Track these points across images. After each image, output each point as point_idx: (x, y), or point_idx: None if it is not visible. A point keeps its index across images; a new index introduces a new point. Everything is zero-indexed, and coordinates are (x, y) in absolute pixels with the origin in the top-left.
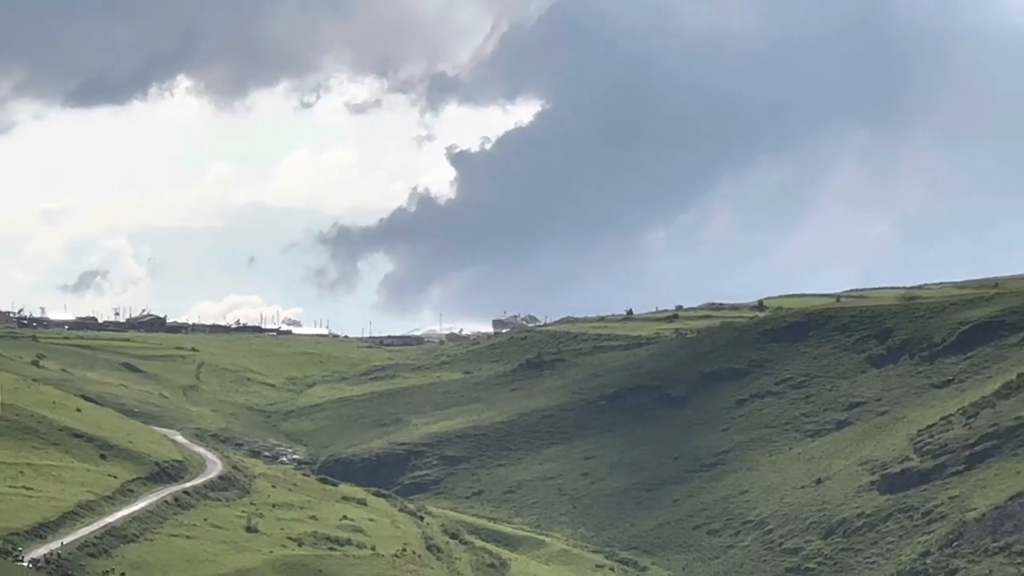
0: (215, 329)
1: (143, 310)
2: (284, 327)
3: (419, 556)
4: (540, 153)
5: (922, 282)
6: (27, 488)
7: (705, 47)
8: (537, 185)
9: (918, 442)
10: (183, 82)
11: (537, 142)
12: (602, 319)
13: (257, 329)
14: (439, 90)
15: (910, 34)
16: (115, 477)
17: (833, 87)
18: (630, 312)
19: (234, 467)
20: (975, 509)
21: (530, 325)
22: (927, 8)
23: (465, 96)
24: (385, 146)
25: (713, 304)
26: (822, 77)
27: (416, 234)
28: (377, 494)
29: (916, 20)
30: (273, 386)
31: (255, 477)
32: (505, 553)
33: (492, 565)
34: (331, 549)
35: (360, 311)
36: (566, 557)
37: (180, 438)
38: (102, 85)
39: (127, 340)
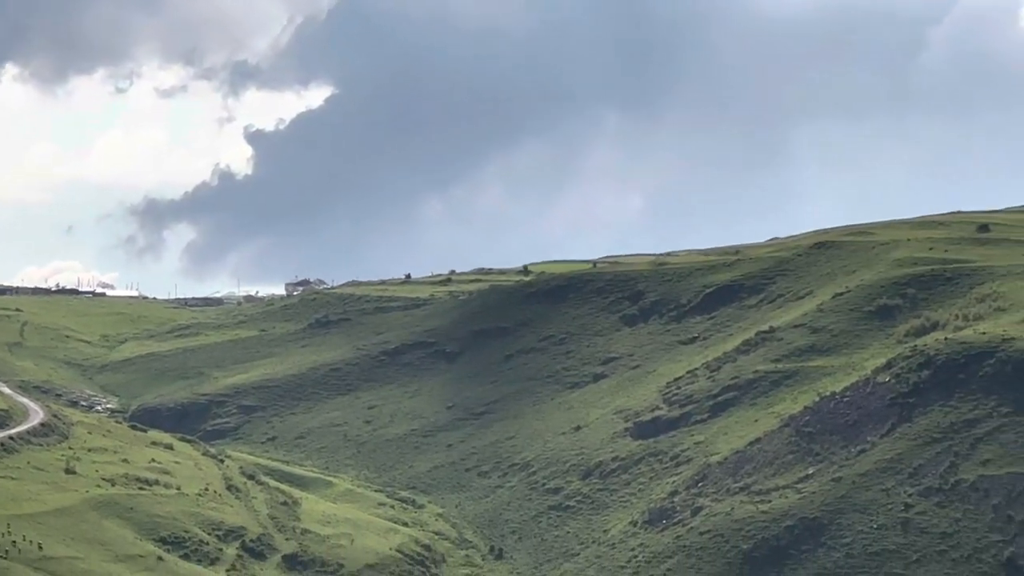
0: (37, 291)
1: None
2: (99, 290)
3: (219, 495)
4: (329, 133)
5: (671, 249)
6: None
7: (479, 38)
8: (326, 162)
9: (667, 393)
10: (10, 70)
11: (327, 123)
12: (383, 282)
13: (75, 292)
14: (239, 76)
15: (662, 27)
16: None
17: (592, 74)
18: (408, 276)
19: (54, 415)
20: (718, 453)
21: (319, 288)
22: (676, 3)
23: (263, 82)
24: (190, 127)
25: (483, 269)
26: (583, 65)
27: (217, 206)
28: (182, 439)
29: (666, 14)
30: (89, 343)
31: (73, 424)
32: (296, 493)
33: (285, 503)
34: (141, 489)
35: (167, 275)
36: (351, 496)
37: (6, 389)
38: None
39: None
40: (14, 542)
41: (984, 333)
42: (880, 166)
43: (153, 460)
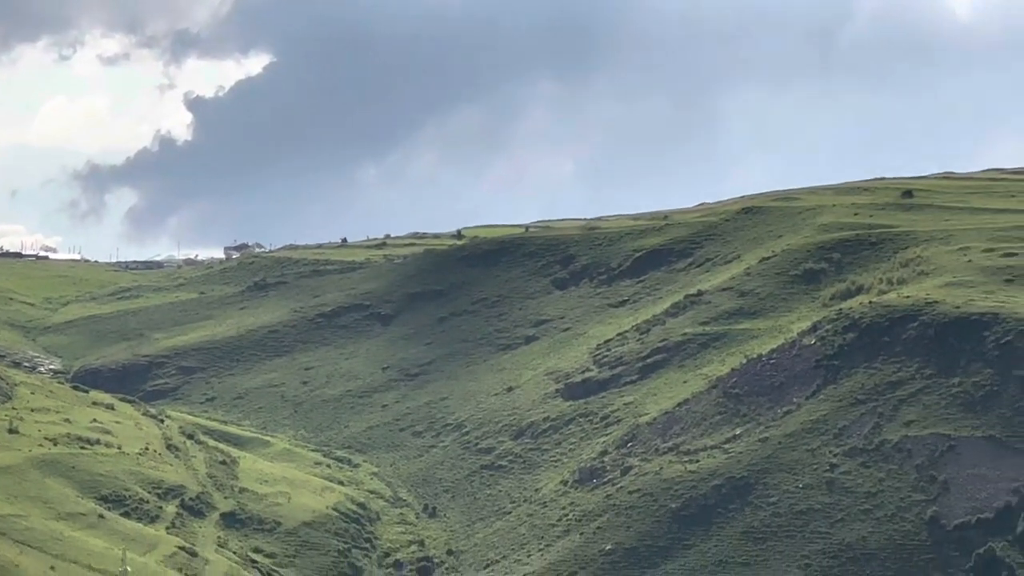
0: None
1: None
2: (42, 253)
3: (159, 454)
4: (268, 100)
5: (601, 214)
6: None
7: (414, 6)
8: (264, 128)
9: (597, 355)
10: None
11: (266, 90)
12: (320, 246)
13: (18, 255)
14: (181, 45)
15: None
16: None
17: (525, 42)
18: (344, 240)
19: None
20: (647, 414)
21: (257, 251)
22: None
23: (204, 50)
24: (132, 94)
25: (417, 233)
26: (516, 33)
27: (158, 172)
28: (123, 400)
29: None
30: (32, 305)
31: (16, 385)
32: (235, 452)
33: (223, 462)
34: (83, 448)
35: (109, 239)
36: (288, 455)
37: None
38: None
39: None
40: None
41: (908, 297)
42: (806, 133)
43: (95, 420)
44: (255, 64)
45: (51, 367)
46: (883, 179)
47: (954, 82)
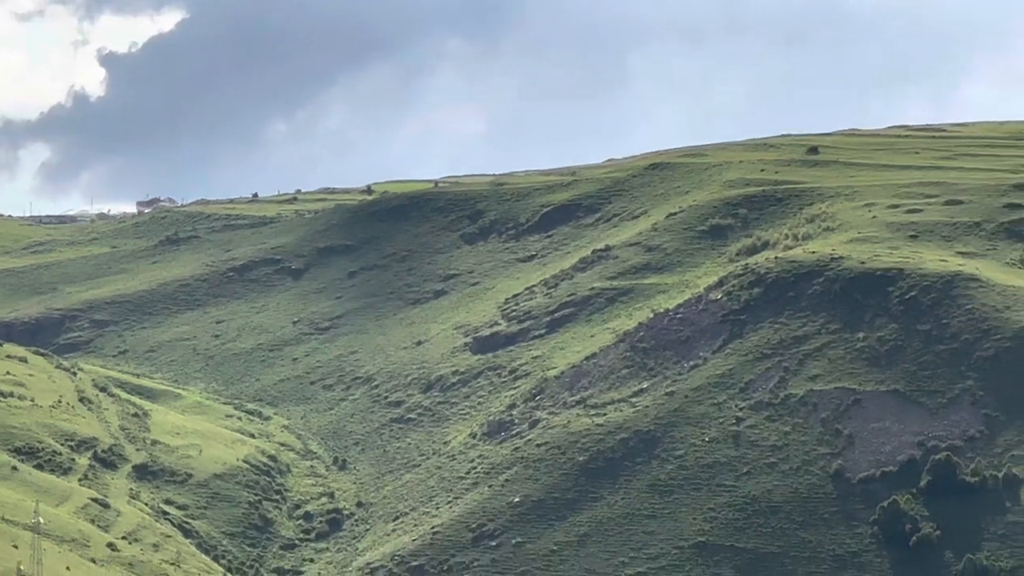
0: None
1: None
2: None
3: (72, 407)
4: (180, 56)
5: (510, 170)
6: None
7: None
8: (177, 84)
9: (505, 309)
10: None
11: (178, 47)
12: (231, 201)
13: None
14: (95, 1)
15: None
16: None
17: (436, 0)
18: (256, 195)
19: None
20: (555, 368)
21: (169, 206)
22: None
23: (117, 6)
24: (47, 50)
25: (328, 189)
26: None
27: (71, 127)
28: (36, 353)
29: None
30: None
31: None
32: (147, 405)
33: (136, 415)
34: None
35: (22, 194)
36: (200, 408)
37: None
38: None
39: None
40: None
41: (813, 252)
42: (714, 90)
43: (8, 373)
44: (168, 20)
45: None
46: (789, 136)
47: (860, 41)
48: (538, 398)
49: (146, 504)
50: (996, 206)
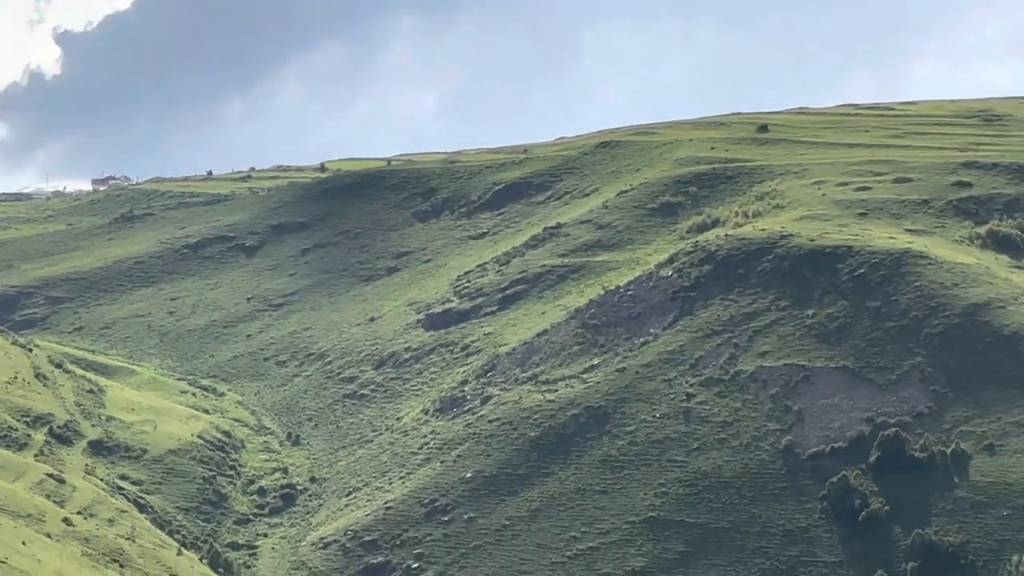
0: None
1: None
2: None
3: (28, 383)
4: (136, 34)
5: (462, 148)
6: None
7: None
8: (132, 62)
9: (458, 286)
10: None
11: (134, 25)
12: (186, 179)
13: None
14: None
15: None
16: None
17: None
18: (210, 173)
19: None
20: (507, 344)
21: (124, 184)
22: None
23: None
24: (2, 29)
25: (282, 166)
26: None
27: (27, 105)
28: None
29: None
30: None
31: None
32: (102, 381)
33: (91, 391)
34: None
35: None
36: (155, 384)
37: None
38: None
39: None
40: None
41: (763, 230)
42: (664, 69)
43: None
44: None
45: None
46: (739, 114)
47: (810, 20)
48: (490, 374)
49: (101, 479)
50: (945, 184)
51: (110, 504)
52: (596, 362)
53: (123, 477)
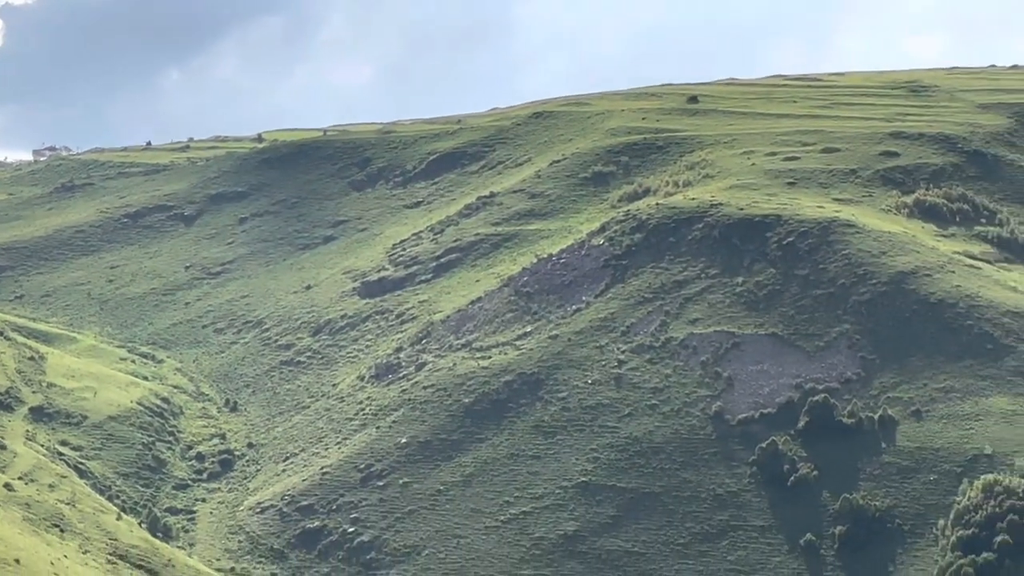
0: None
1: None
2: None
3: None
4: (76, 6)
5: (397, 119)
6: None
7: None
8: (73, 34)
9: (393, 254)
10: None
11: None
12: (125, 149)
13: None
14: None
15: None
16: None
17: None
18: (149, 143)
19: None
20: (441, 311)
21: (65, 154)
22: None
23: None
24: None
25: (220, 137)
26: None
27: None
28: None
29: None
30: None
31: None
32: (43, 348)
33: (32, 358)
34: None
35: None
36: (95, 351)
37: None
38: None
39: None
40: None
41: (693, 199)
42: (597, 41)
43: None
44: None
45: None
46: (670, 85)
47: None
48: (424, 341)
49: (42, 445)
50: (872, 154)
51: (50, 470)
52: (529, 329)
53: (63, 443)
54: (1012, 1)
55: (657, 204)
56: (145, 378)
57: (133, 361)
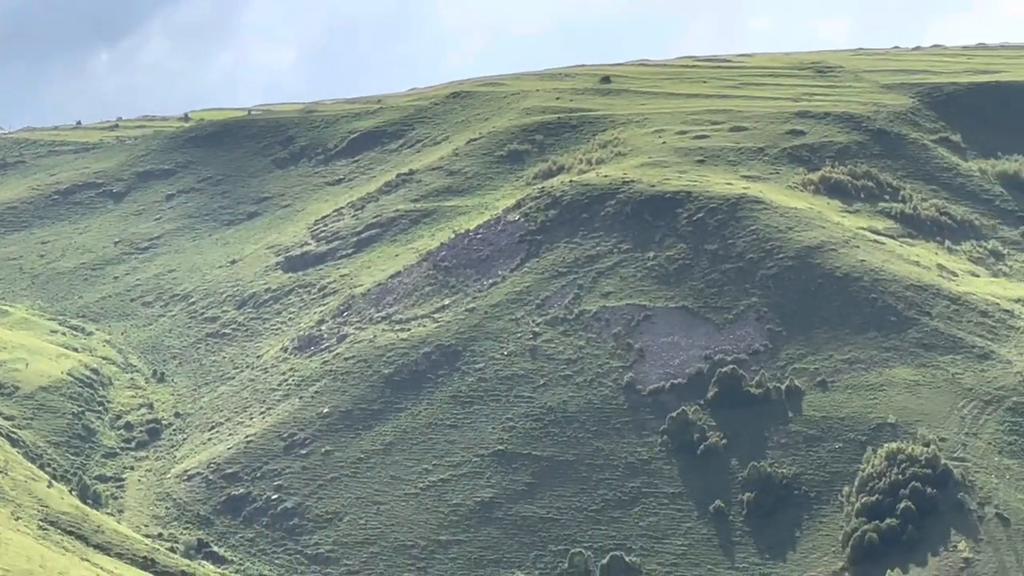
0: None
1: None
2: None
3: None
4: None
5: (319, 99)
6: None
7: None
8: (3, 17)
9: (315, 230)
10: None
11: None
12: (56, 128)
13: None
14: None
15: None
16: None
17: None
18: (79, 123)
19: None
20: (362, 285)
21: None
22: None
23: None
24: None
25: (148, 116)
26: None
27: None
28: None
29: None
30: None
31: None
32: None
33: None
34: None
35: None
36: (26, 324)
37: None
38: None
39: None
40: None
41: (606, 176)
42: (513, 23)
43: None
44: None
45: None
46: (583, 66)
47: None
48: (346, 314)
49: None
50: (779, 132)
51: None
52: (447, 302)
53: None
54: None
55: (571, 181)
56: (75, 350)
57: (63, 333)
